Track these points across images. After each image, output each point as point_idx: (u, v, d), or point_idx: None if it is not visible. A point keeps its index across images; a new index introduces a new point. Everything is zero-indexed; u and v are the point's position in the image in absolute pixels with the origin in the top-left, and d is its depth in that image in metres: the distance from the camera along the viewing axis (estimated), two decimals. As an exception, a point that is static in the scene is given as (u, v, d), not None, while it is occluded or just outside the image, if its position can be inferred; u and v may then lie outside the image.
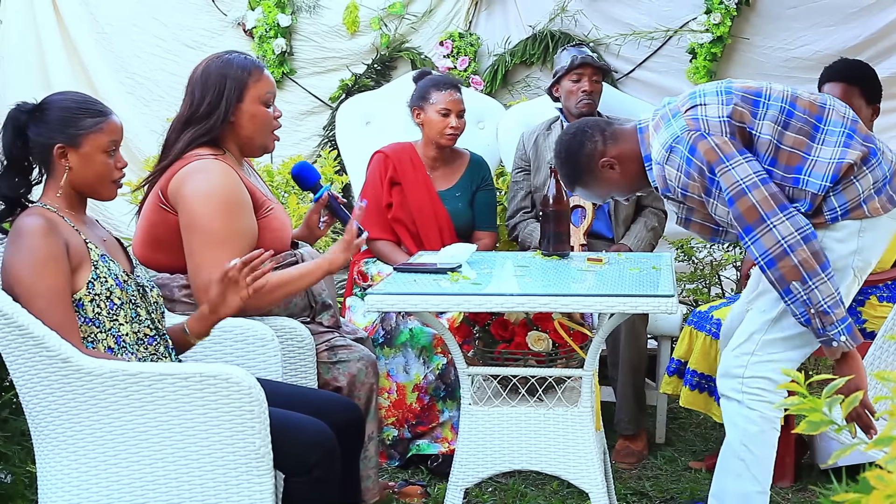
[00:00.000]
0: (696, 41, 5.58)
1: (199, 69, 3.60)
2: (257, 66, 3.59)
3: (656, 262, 3.80)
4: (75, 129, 2.94)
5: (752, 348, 3.32)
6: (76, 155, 2.94)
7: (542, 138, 4.94)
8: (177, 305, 3.50)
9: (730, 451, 3.37)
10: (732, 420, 3.37)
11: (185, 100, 3.62)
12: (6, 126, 3.00)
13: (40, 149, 2.96)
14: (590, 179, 3.48)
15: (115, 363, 2.83)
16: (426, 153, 4.82)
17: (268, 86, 3.58)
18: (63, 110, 2.98)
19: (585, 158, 3.45)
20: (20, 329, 2.76)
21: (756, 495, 3.35)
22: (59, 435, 2.86)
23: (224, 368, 2.84)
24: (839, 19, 5.49)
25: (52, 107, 2.99)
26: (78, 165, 2.95)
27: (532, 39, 5.79)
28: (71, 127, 2.95)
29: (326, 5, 5.93)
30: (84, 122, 2.96)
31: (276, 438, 2.89)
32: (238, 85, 3.52)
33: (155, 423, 2.84)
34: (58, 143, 2.93)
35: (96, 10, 5.99)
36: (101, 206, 5.93)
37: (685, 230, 3.53)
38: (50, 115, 2.98)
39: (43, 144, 2.95)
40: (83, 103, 3.01)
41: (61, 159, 2.94)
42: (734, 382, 3.33)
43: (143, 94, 6.01)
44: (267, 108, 3.57)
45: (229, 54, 3.61)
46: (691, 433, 4.86)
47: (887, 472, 1.47)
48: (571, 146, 3.49)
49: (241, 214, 3.42)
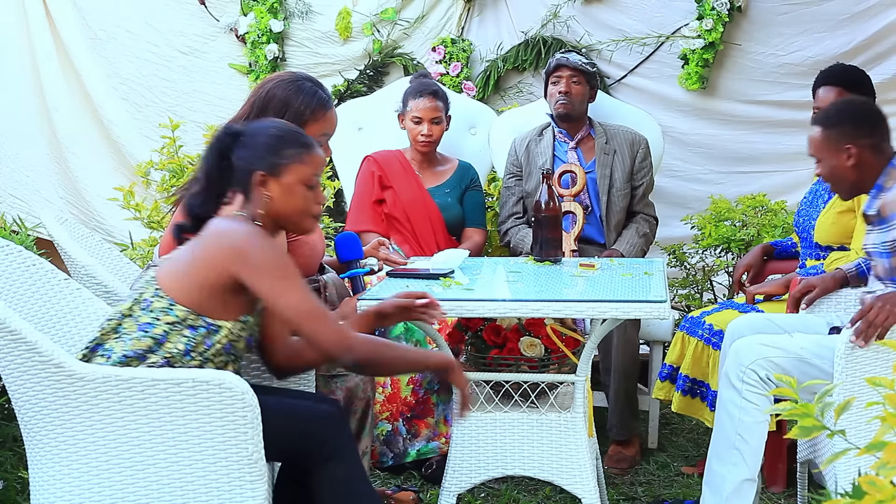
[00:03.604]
0: (688, 47, 5.58)
1: (269, 84, 3.46)
2: (323, 104, 3.46)
3: (648, 268, 3.81)
4: (278, 157, 2.92)
5: (771, 353, 3.47)
6: (277, 184, 2.92)
7: (534, 144, 4.95)
8: None
9: (725, 440, 3.53)
10: (728, 410, 3.53)
11: (243, 109, 3.48)
12: (211, 147, 2.98)
13: (241, 174, 2.93)
14: (834, 135, 3.56)
15: (108, 369, 2.82)
16: (413, 157, 4.96)
17: (329, 126, 3.49)
18: (268, 137, 2.95)
19: (854, 123, 3.57)
20: (13, 334, 2.75)
21: (747, 483, 3.54)
22: (52, 441, 2.85)
23: (217, 374, 2.84)
24: (831, 25, 5.50)
25: (258, 132, 2.96)
26: (278, 195, 2.93)
27: (524, 45, 5.79)
28: (274, 155, 2.92)
29: (319, 11, 5.93)
30: (287, 151, 2.93)
31: (282, 426, 2.90)
32: (297, 119, 3.35)
33: (148, 429, 2.83)
34: (259, 171, 2.91)
35: (89, 15, 5.98)
36: (96, 212, 5.93)
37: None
38: (255, 140, 2.95)
39: (244, 170, 2.92)
40: (289, 133, 2.99)
41: (261, 187, 2.92)
42: (739, 368, 3.49)
43: (136, 100, 6.00)
44: (322, 160, 3.28)
45: (301, 81, 3.47)
46: (683, 438, 4.86)
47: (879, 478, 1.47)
48: (862, 104, 3.68)
49: None
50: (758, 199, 5.17)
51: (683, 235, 5.35)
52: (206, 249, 2.87)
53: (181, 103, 5.99)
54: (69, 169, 6.01)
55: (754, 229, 4.98)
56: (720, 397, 3.61)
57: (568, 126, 4.92)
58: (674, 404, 4.31)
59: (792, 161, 5.57)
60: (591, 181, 4.86)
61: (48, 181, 6.04)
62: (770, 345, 3.54)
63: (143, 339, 2.86)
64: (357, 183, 4.95)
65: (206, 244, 2.87)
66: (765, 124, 5.65)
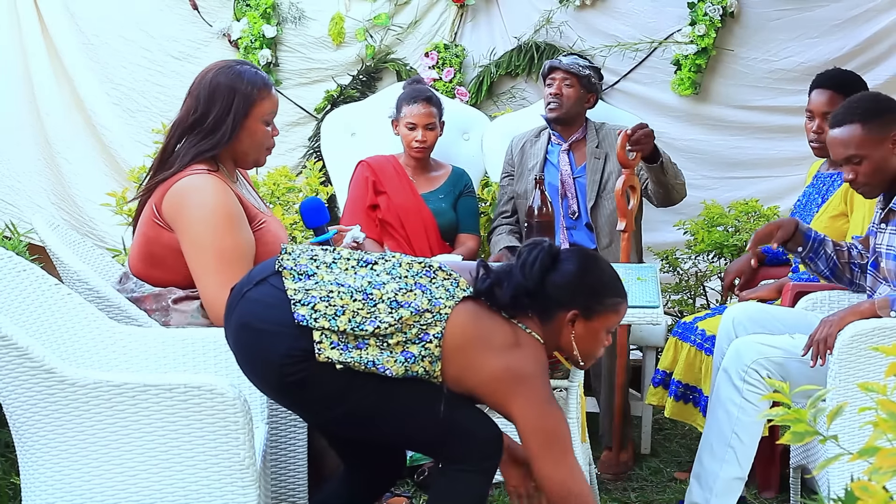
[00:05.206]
0: (680, 53, 5.59)
1: (208, 76, 3.52)
2: (266, 83, 3.54)
3: (641, 273, 3.81)
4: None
5: (773, 353, 3.51)
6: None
7: (530, 145, 4.95)
8: (172, 316, 3.47)
9: (720, 437, 3.58)
10: (726, 407, 3.58)
11: (187, 103, 3.55)
12: None
13: None
14: (877, 126, 3.52)
15: (100, 374, 2.82)
16: (407, 163, 4.97)
17: (273, 105, 3.56)
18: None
19: (891, 110, 3.56)
20: (3, 339, 2.74)
21: (737, 482, 3.61)
22: (43, 446, 2.85)
23: (209, 379, 2.83)
24: (824, 30, 5.51)
25: None
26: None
27: (517, 51, 5.79)
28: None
29: (312, 16, 5.93)
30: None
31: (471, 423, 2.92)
32: (246, 102, 3.48)
33: (140, 435, 2.83)
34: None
35: (81, 20, 5.97)
36: (88, 217, 5.92)
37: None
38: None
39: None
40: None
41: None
42: (741, 367, 3.52)
43: (129, 105, 5.99)
44: (266, 127, 3.55)
45: (240, 66, 3.56)
46: (676, 444, 4.86)
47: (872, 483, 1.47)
48: (878, 95, 3.69)
49: (241, 229, 3.40)
50: (750, 204, 5.18)
51: (676, 241, 5.35)
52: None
53: (174, 108, 5.90)
54: (61, 174, 5.99)
55: (747, 234, 4.98)
56: (717, 394, 3.62)
57: (561, 129, 4.92)
58: (667, 410, 4.31)
59: (784, 166, 5.57)
60: (581, 186, 4.85)
61: (40, 186, 6.02)
62: (771, 345, 3.55)
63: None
64: (351, 188, 4.95)
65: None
66: (757, 130, 5.66)
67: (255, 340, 2.86)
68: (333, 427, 3.10)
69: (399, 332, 2.81)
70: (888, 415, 1.58)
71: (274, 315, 2.83)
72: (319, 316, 2.79)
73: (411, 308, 2.82)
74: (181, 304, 3.46)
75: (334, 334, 2.79)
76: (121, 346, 3.28)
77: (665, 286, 5.23)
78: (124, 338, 3.29)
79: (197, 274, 3.37)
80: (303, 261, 2.92)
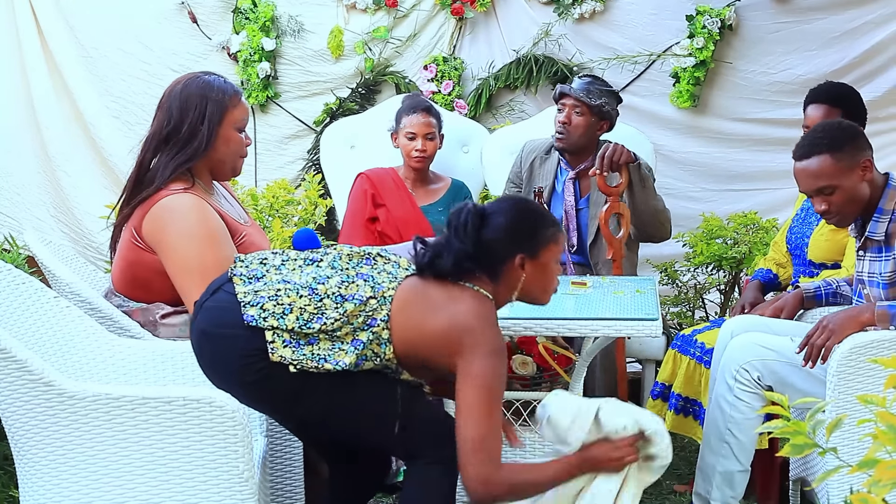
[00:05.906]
0: (679, 65, 5.59)
1: (178, 87, 3.55)
2: (236, 91, 3.58)
3: (640, 286, 3.81)
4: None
5: (767, 355, 3.53)
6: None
7: (539, 162, 4.86)
8: (160, 331, 3.48)
9: (716, 432, 3.64)
10: (720, 404, 3.62)
11: (159, 116, 3.56)
12: None
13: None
14: (847, 154, 3.50)
15: (98, 387, 2.81)
16: (406, 175, 4.96)
17: (245, 112, 3.60)
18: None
19: (854, 138, 3.54)
20: (2, 352, 2.74)
21: (738, 474, 3.66)
22: (42, 459, 2.84)
23: (208, 392, 2.83)
24: (822, 43, 5.52)
25: None
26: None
27: (516, 64, 5.79)
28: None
29: (311, 29, 5.93)
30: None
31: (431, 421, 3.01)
32: (219, 108, 3.50)
33: (138, 447, 2.83)
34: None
35: (80, 33, 5.97)
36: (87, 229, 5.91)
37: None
38: None
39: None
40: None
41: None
42: (734, 365, 3.55)
43: (128, 118, 5.99)
44: (240, 134, 3.56)
45: (208, 75, 3.59)
46: (676, 457, 4.81)
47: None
48: (841, 124, 3.65)
49: (223, 245, 3.41)
50: (749, 216, 5.17)
51: (675, 253, 5.35)
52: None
53: (173, 121, 5.96)
54: (61, 187, 5.99)
55: (746, 247, 4.98)
56: (716, 389, 3.67)
57: (570, 157, 4.79)
58: (666, 423, 4.30)
59: (783, 178, 5.55)
60: (583, 216, 4.77)
61: (39, 199, 6.02)
62: (768, 346, 3.56)
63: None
64: (350, 200, 4.95)
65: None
66: (756, 142, 5.66)
67: (213, 346, 2.96)
68: (304, 428, 3.15)
69: (346, 324, 2.89)
70: (887, 427, 1.58)
71: (227, 319, 2.92)
72: (268, 315, 2.88)
73: (355, 300, 2.91)
74: (169, 319, 3.47)
75: (286, 333, 2.88)
76: (119, 359, 3.29)
77: (664, 298, 5.23)
78: (123, 350, 3.30)
79: (183, 292, 3.39)
80: (253, 265, 3.01)
